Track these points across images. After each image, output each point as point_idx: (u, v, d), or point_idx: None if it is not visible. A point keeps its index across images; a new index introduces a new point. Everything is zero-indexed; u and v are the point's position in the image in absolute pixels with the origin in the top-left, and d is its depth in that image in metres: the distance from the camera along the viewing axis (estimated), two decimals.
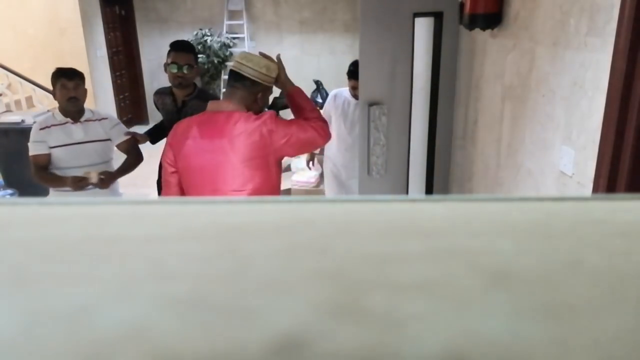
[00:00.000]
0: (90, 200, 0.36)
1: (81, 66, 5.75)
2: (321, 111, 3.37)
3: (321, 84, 6.60)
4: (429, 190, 2.98)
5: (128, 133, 2.75)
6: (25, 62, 5.50)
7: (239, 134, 1.84)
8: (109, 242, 0.28)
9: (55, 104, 2.63)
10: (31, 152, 2.53)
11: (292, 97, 2.03)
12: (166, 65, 2.61)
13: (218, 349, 0.19)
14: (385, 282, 0.23)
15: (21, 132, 4.03)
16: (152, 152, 3.01)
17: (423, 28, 2.70)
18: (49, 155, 2.54)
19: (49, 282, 0.24)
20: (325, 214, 0.32)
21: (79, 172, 2.51)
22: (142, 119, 7.75)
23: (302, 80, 7.81)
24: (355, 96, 3.23)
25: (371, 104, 2.76)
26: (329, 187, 3.60)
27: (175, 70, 2.56)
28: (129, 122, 7.06)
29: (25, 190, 3.83)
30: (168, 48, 2.62)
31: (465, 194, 2.71)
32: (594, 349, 0.19)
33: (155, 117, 4.42)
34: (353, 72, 3.17)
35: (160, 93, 2.78)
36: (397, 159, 2.90)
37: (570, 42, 1.58)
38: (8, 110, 4.71)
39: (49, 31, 5.71)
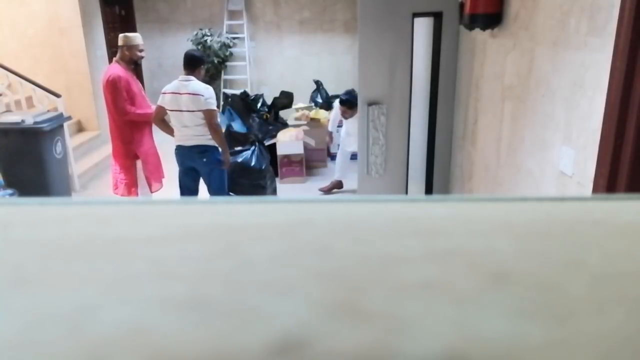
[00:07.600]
0: (90, 200, 0.36)
1: (81, 66, 5.77)
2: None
3: (321, 84, 6.58)
4: (429, 190, 2.98)
5: None
6: (25, 62, 5.49)
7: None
8: (109, 242, 0.28)
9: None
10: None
11: None
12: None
13: (218, 349, 0.18)
14: (385, 282, 0.23)
15: (21, 132, 4.01)
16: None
17: (423, 28, 2.70)
18: None
19: (49, 282, 0.24)
20: (325, 214, 0.32)
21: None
22: None
23: (302, 80, 7.75)
24: (344, 117, 4.42)
25: (370, 104, 2.76)
26: None
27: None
28: None
29: (25, 190, 3.82)
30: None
31: (465, 194, 2.70)
32: (593, 348, 0.19)
33: None
34: (342, 100, 4.30)
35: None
36: (396, 158, 2.90)
37: (570, 42, 1.58)
38: (8, 110, 4.69)
39: (49, 31, 5.69)
